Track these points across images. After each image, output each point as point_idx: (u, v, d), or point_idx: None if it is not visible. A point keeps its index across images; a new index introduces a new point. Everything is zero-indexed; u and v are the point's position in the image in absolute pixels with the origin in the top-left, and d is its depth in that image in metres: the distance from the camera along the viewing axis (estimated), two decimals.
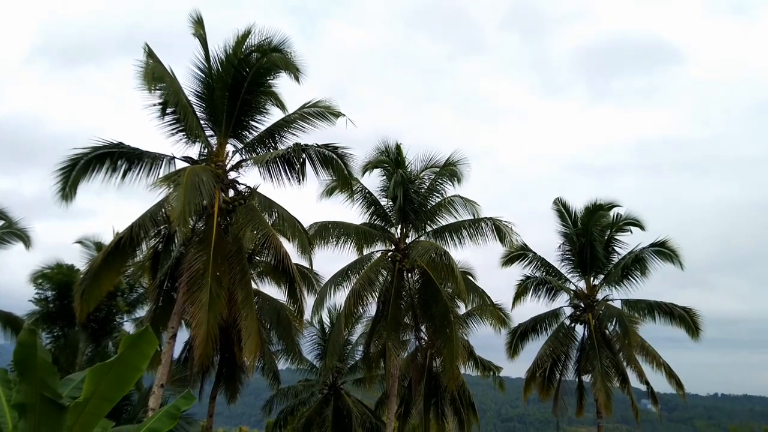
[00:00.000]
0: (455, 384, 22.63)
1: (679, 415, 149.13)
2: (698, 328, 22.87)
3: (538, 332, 25.56)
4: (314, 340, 30.14)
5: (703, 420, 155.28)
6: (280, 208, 16.36)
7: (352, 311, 20.18)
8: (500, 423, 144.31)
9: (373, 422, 29.36)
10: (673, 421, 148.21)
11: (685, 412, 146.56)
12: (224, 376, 20.96)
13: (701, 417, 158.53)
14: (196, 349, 13.94)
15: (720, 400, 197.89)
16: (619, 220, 24.62)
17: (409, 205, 20.79)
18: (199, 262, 14.71)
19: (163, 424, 8.20)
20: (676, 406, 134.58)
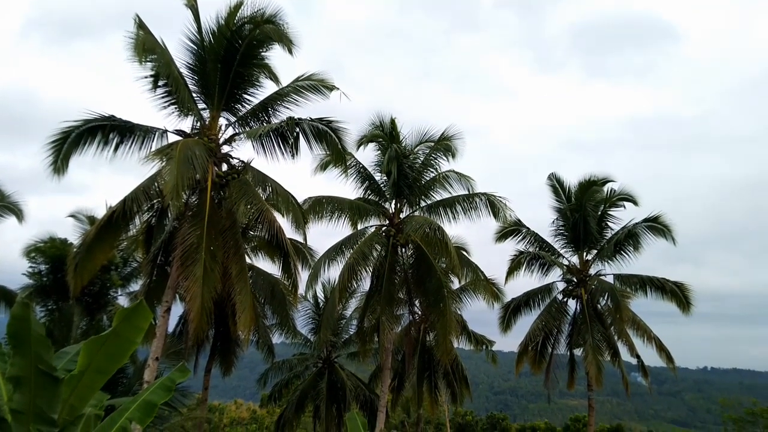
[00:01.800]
0: (448, 358, 22.81)
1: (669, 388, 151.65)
2: (689, 303, 23.11)
3: (531, 307, 25.81)
4: (308, 315, 30.31)
5: (693, 393, 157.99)
6: (274, 183, 16.28)
7: (346, 286, 20.23)
8: (492, 396, 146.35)
9: (367, 395, 29.67)
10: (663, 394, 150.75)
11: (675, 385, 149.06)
12: (219, 350, 21.10)
13: (691, 390, 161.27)
14: (191, 322, 13.98)
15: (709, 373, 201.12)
16: (613, 195, 24.70)
17: (403, 180, 20.73)
18: (192, 236, 14.67)
19: (158, 396, 8.24)
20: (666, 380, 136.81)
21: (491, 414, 60.64)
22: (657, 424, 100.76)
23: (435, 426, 50.27)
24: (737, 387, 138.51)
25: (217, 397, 62.18)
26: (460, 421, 54.65)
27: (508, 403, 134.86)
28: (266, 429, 47.21)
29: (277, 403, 34.39)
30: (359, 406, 29.13)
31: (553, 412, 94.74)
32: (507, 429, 53.10)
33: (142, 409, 8.00)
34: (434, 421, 48.35)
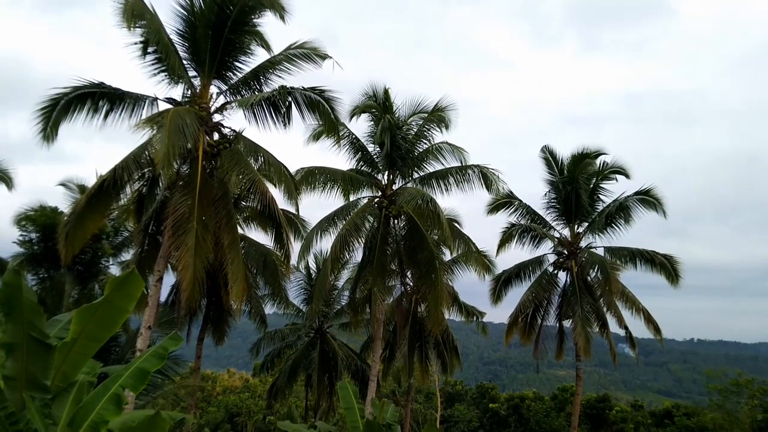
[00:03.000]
0: (439, 328, 23.01)
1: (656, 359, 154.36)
2: (678, 275, 23.35)
3: (522, 279, 26.00)
4: (300, 285, 30.44)
5: (679, 364, 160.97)
6: (266, 153, 16.18)
7: (338, 257, 20.27)
8: (482, 366, 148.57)
9: (359, 365, 30.00)
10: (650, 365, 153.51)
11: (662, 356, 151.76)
12: (211, 319, 21.19)
13: (677, 361, 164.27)
14: (183, 292, 14.00)
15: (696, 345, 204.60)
16: (605, 168, 24.73)
17: (396, 152, 20.65)
18: (184, 206, 14.61)
19: (151, 364, 8.28)
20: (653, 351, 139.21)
21: (481, 384, 61.52)
22: (643, 394, 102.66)
23: (425, 395, 50.96)
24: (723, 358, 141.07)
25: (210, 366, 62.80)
26: (450, 391, 55.42)
27: (497, 373, 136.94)
28: (259, 397, 47.72)
29: (269, 372, 34.72)
30: (351, 375, 29.47)
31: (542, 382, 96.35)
32: (496, 398, 53.88)
33: (135, 376, 8.06)
34: (425, 391, 49.01)
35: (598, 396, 52.83)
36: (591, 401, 50.13)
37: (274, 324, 32.93)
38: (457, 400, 54.98)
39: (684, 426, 43.29)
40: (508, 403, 52.50)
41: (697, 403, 52.78)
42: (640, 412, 50.54)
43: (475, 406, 53.94)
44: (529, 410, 50.60)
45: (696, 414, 45.09)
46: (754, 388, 38.71)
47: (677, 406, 49.50)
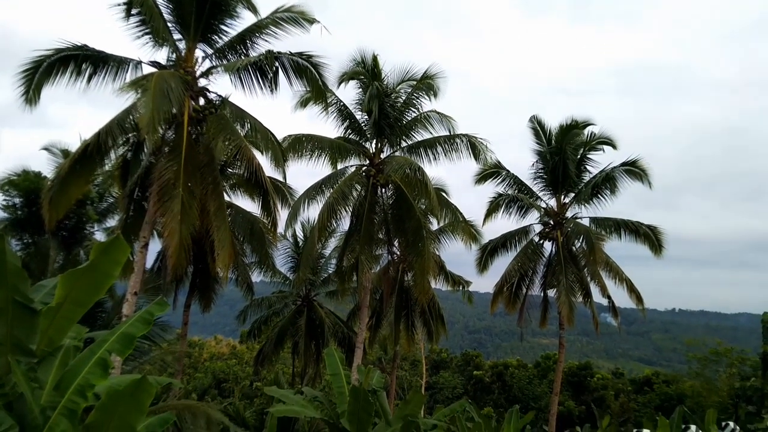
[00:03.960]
0: (426, 297, 23.23)
1: (638, 328, 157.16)
2: (661, 246, 23.62)
3: (508, 248, 26.17)
4: (288, 253, 30.46)
5: (660, 333, 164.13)
6: (253, 119, 16.01)
7: (326, 225, 20.28)
8: (467, 335, 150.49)
9: (345, 332, 30.25)
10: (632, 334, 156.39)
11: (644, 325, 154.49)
12: (198, 286, 21.18)
13: (658, 331, 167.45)
14: (169, 258, 13.98)
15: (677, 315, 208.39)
16: (593, 138, 24.75)
17: (384, 120, 20.52)
18: (169, 171, 14.49)
19: (137, 329, 8.28)
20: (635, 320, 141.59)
21: (466, 352, 62.44)
22: (624, 363, 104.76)
23: (411, 363, 51.67)
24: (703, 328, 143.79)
25: (197, 332, 63.04)
26: (436, 358, 56.23)
27: (482, 342, 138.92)
28: (246, 364, 48.14)
29: (256, 339, 34.95)
30: (337, 342, 29.74)
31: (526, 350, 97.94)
32: (480, 366, 54.77)
33: (121, 341, 8.06)
34: (410, 358, 49.67)
35: (580, 364, 53.88)
36: (573, 369, 51.14)
37: (261, 292, 33.01)
38: (443, 368, 55.84)
39: (663, 393, 44.35)
40: (492, 371, 53.43)
41: (677, 372, 53.97)
42: (620, 380, 51.68)
43: (459, 374, 54.84)
44: (512, 377, 51.54)
45: (675, 381, 46.20)
46: (733, 357, 39.65)
47: (657, 374, 50.67)
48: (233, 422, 16.04)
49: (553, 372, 29.75)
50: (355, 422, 12.61)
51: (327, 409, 14.31)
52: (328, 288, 30.89)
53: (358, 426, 12.63)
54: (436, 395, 48.68)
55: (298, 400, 14.53)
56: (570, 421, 43.45)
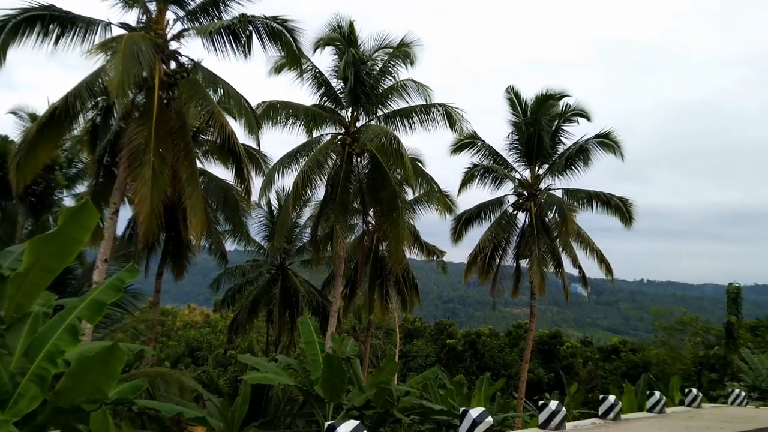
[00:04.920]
0: (400, 267, 23.35)
1: (607, 298, 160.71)
2: (631, 217, 23.99)
3: (482, 219, 26.32)
4: (262, 222, 30.28)
5: (628, 303, 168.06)
6: (226, 85, 15.70)
7: (300, 193, 20.14)
8: (441, 304, 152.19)
9: (320, 301, 30.34)
10: (601, 304, 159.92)
11: (613, 295, 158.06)
12: (170, 254, 20.95)
13: (627, 300, 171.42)
14: (140, 225, 13.78)
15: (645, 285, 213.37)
16: (568, 110, 24.83)
17: (360, 87, 20.29)
18: (140, 137, 14.19)
19: (107, 296, 8.20)
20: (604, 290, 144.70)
21: (439, 321, 63.29)
22: (593, 331, 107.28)
23: (385, 331, 52.19)
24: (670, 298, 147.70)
25: (170, 301, 62.76)
26: (410, 327, 56.89)
27: (455, 311, 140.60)
28: (219, 332, 48.15)
29: (230, 307, 34.89)
30: (312, 311, 29.84)
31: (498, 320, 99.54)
32: (453, 335, 55.61)
33: (91, 307, 7.97)
34: (384, 327, 50.14)
35: (550, 332, 55.00)
36: (543, 337, 52.20)
37: (235, 260, 32.86)
38: (416, 336, 56.55)
39: (629, 361, 45.55)
40: (464, 339, 54.30)
41: (644, 340, 55.40)
42: (589, 348, 52.96)
43: (433, 342, 55.63)
44: (484, 346, 52.46)
45: (641, 350, 47.44)
46: (698, 327, 40.79)
47: (624, 343, 52.01)
48: (206, 390, 16.05)
49: (524, 340, 30.32)
50: (328, 389, 12.73)
51: (301, 376, 14.41)
52: (303, 257, 30.86)
53: (332, 393, 12.76)
54: (409, 363, 49.37)
55: (271, 368, 14.60)
56: (539, 387, 44.49)
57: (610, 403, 14.51)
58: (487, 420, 10.17)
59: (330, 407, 13.13)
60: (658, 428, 13.24)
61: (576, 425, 13.34)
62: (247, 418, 14.43)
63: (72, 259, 8.26)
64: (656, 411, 16.29)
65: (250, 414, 14.65)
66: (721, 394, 24.97)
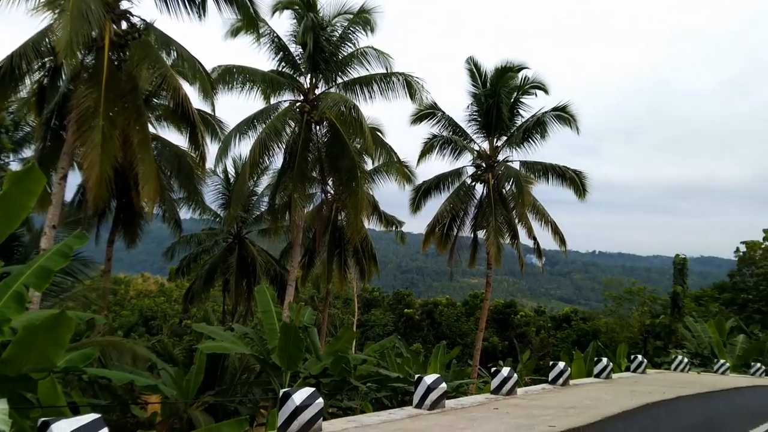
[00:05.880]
0: (359, 236, 23.36)
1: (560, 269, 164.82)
2: (585, 190, 24.49)
3: (441, 190, 26.47)
4: (218, 190, 29.76)
5: (581, 274, 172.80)
6: (180, 47, 15.21)
7: (258, 161, 19.84)
8: (400, 274, 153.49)
9: (278, 270, 30.19)
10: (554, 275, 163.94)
11: (566, 266, 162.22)
12: (122, 221, 20.41)
13: (579, 271, 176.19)
14: (90, 191, 13.37)
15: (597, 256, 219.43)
16: (526, 82, 25.00)
17: (319, 54, 19.95)
18: (89, 99, 13.67)
19: (55, 263, 7.95)
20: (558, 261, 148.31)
21: (398, 291, 63.88)
22: (546, 301, 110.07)
23: (343, 301, 52.44)
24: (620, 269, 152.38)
25: (123, 270, 61.46)
26: (368, 297, 57.29)
27: (414, 281, 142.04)
28: (174, 302, 47.55)
29: (185, 276, 34.41)
30: (269, 280, 29.68)
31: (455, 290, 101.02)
32: (411, 304, 56.26)
33: (37, 274, 7.73)
34: (343, 297, 50.36)
35: (505, 302, 56.21)
36: (498, 307, 53.35)
37: (190, 229, 32.31)
38: (374, 306, 57.03)
39: (580, 329, 46.99)
40: (422, 309, 55.05)
41: (594, 310, 57.13)
42: (542, 317, 54.36)
43: (391, 312, 56.21)
44: (441, 315, 53.32)
45: (592, 319, 48.98)
46: (645, 296, 42.32)
47: (575, 312, 53.56)
48: (161, 359, 15.87)
49: (480, 310, 30.87)
50: (285, 358, 12.72)
51: (257, 345, 14.37)
52: (261, 226, 30.56)
53: (289, 361, 12.76)
54: (367, 332, 49.83)
55: (227, 337, 14.51)
56: (494, 355, 45.55)
57: (560, 370, 14.96)
58: (441, 386, 10.35)
59: (287, 376, 13.15)
60: (604, 392, 13.73)
61: (527, 390, 13.71)
62: (202, 387, 14.36)
63: (17, 225, 7.98)
64: (603, 377, 16.88)
65: (206, 383, 14.58)
66: (665, 361, 26.01)
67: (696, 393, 14.77)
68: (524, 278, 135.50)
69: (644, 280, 69.36)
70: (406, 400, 15.29)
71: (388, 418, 9.21)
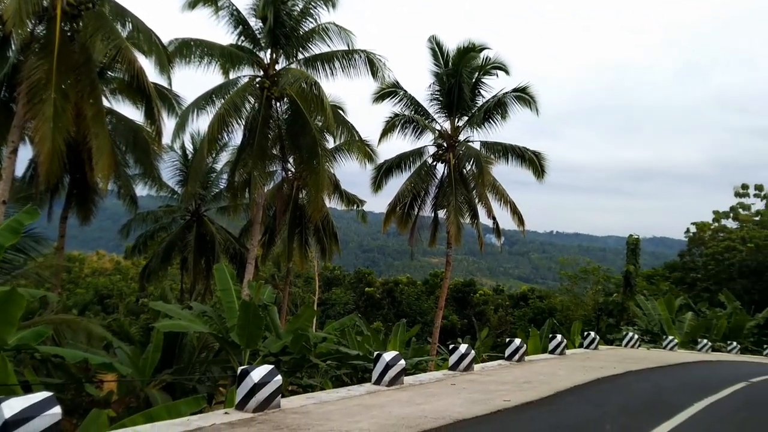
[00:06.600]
0: (320, 215, 23.28)
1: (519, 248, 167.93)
2: (544, 171, 24.83)
3: (402, 169, 26.48)
4: (176, 166, 29.21)
5: (538, 254, 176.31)
6: (135, 19, 14.80)
7: (216, 137, 19.48)
8: (361, 253, 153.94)
9: (237, 248, 29.93)
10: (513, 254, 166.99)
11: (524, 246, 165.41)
12: (75, 197, 19.86)
13: (537, 251, 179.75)
14: (41, 165, 12.98)
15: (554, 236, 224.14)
16: (488, 63, 25.08)
17: (280, 28, 19.62)
18: (40, 71, 13.21)
19: (5, 239, 7.75)
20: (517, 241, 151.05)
21: (359, 269, 64.11)
22: (505, 280, 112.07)
23: (304, 280, 52.40)
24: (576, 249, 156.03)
25: (77, 247, 59.87)
26: (329, 276, 57.36)
27: (375, 260, 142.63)
28: (131, 280, 46.72)
29: (141, 254, 33.82)
30: (229, 259, 29.42)
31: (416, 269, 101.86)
32: (372, 283, 56.59)
33: None
34: (304, 276, 50.31)
35: (464, 281, 57.07)
36: (458, 285, 54.15)
37: (146, 206, 31.70)
38: (335, 285, 57.16)
39: (536, 307, 48.10)
40: (383, 287, 55.47)
41: (551, 288, 58.49)
42: (500, 296, 55.40)
43: (352, 290, 56.46)
44: (402, 294, 53.83)
45: (548, 297, 50.18)
46: (599, 275, 43.54)
47: (532, 290, 54.77)
48: (117, 338, 15.61)
49: (440, 289, 31.24)
50: (244, 336, 12.68)
51: (216, 323, 14.27)
52: (220, 203, 30.17)
53: (248, 339, 12.72)
54: (328, 311, 49.97)
55: (185, 315, 14.35)
56: (453, 333, 46.35)
57: (516, 346, 15.31)
58: (399, 363, 10.48)
59: (246, 354, 13.11)
60: (557, 368, 14.12)
61: (483, 367, 14.00)
62: (159, 365, 14.20)
63: None
64: (557, 353, 17.35)
65: (163, 361, 14.43)
66: (617, 337, 26.84)
67: (645, 368, 15.31)
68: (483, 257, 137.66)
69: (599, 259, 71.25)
70: (366, 377, 15.44)
71: (347, 395, 9.30)
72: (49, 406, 4.98)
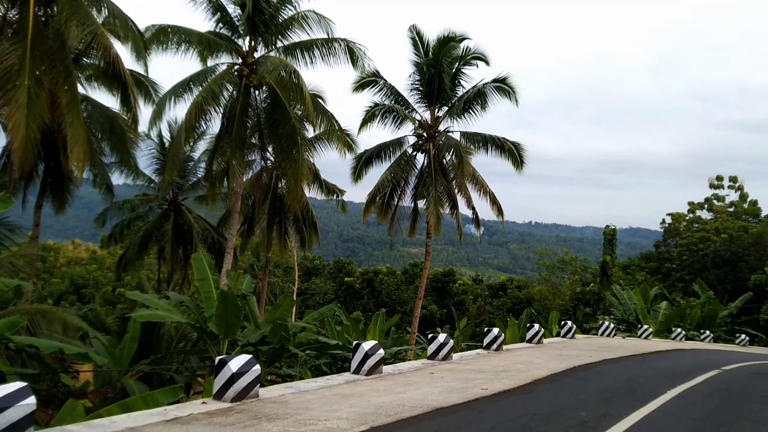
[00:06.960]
0: (299, 204, 23.18)
1: (498, 239, 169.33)
2: (523, 162, 24.98)
3: (382, 159, 26.47)
4: (152, 154, 28.89)
5: (517, 244, 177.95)
6: (111, 4, 14.56)
7: (194, 125, 19.25)
8: (341, 243, 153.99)
9: (215, 238, 29.72)
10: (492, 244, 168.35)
11: (503, 236, 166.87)
12: (50, 185, 19.52)
13: (516, 241, 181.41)
14: (15, 153, 12.71)
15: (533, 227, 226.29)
16: (468, 53, 25.10)
17: (258, 15, 19.40)
18: (13, 56, 12.92)
19: None
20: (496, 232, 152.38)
21: (338, 259, 64.11)
22: (484, 270, 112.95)
23: (284, 269, 52.24)
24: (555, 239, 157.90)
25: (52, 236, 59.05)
26: (309, 266, 57.25)
27: (355, 250, 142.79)
28: (107, 269, 46.17)
29: (117, 244, 33.44)
30: (207, 248, 29.22)
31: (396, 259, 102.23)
32: (352, 273, 56.63)
33: None
34: (283, 265, 50.15)
35: (444, 271, 57.36)
36: (438, 275, 54.42)
37: (123, 194, 31.31)
38: (315, 274, 57.09)
39: (515, 297, 48.57)
40: (362, 277, 55.55)
41: (529, 278, 59.09)
42: (479, 286, 55.84)
43: (331, 280, 56.46)
44: (381, 283, 53.95)
45: (526, 287, 50.70)
46: (577, 265, 44.11)
47: (511, 280, 55.26)
48: (93, 328, 15.45)
49: (420, 278, 31.36)
50: (223, 326, 12.60)
51: (194, 313, 14.16)
52: (198, 193, 29.89)
53: (226, 329, 12.66)
54: (307, 301, 49.94)
55: (163, 305, 14.22)
56: (432, 323, 46.63)
57: (494, 335, 15.46)
58: (378, 352, 10.52)
59: (224, 344, 13.05)
60: (534, 357, 14.29)
61: (462, 356, 14.11)
62: (136, 355, 14.09)
63: None
64: (535, 342, 17.55)
65: (140, 352, 14.31)
66: (593, 326, 27.25)
67: (620, 356, 15.56)
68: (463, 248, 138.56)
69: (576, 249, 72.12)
70: (345, 367, 15.46)
71: (326, 384, 9.32)
72: (24, 396, 4.92)
